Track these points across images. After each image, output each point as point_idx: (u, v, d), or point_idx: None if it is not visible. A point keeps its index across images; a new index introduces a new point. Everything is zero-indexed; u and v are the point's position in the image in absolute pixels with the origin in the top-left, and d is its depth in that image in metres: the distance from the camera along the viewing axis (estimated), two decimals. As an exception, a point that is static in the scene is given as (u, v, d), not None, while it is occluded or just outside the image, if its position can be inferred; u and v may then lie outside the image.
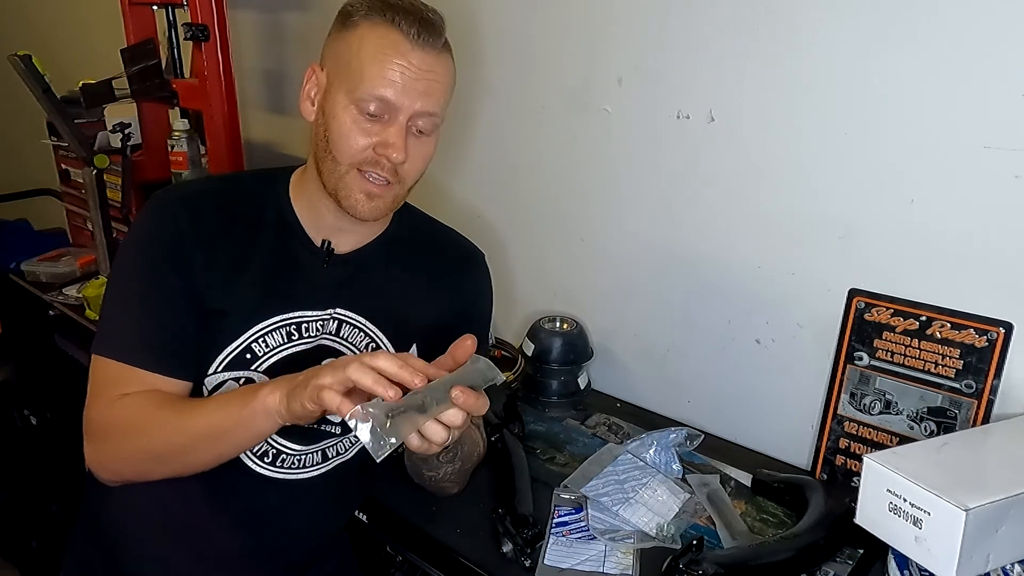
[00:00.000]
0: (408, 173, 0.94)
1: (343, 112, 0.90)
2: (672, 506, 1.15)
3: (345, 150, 0.91)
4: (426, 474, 1.02)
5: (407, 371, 0.75)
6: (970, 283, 1.11)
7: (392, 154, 0.90)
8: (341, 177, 0.92)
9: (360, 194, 0.92)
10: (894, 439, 1.18)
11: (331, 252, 1.00)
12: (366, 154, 0.91)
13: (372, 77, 0.88)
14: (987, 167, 1.05)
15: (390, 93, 0.88)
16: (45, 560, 2.09)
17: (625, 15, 1.37)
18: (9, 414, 2.28)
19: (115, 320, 0.95)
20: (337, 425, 1.02)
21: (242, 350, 0.95)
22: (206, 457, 0.90)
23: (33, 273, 2.06)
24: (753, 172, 1.28)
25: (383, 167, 0.91)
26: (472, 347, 0.82)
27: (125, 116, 1.88)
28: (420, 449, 0.81)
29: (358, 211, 0.93)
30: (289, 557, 1.08)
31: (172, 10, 1.89)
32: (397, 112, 0.89)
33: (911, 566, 0.91)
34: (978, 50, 1.03)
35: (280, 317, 0.97)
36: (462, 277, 1.11)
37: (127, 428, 0.91)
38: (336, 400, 0.75)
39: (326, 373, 0.77)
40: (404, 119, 0.90)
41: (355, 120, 0.90)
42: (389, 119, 0.90)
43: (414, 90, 0.89)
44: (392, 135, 0.90)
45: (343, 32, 0.92)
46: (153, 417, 0.90)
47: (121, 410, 0.91)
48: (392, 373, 0.75)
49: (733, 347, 1.38)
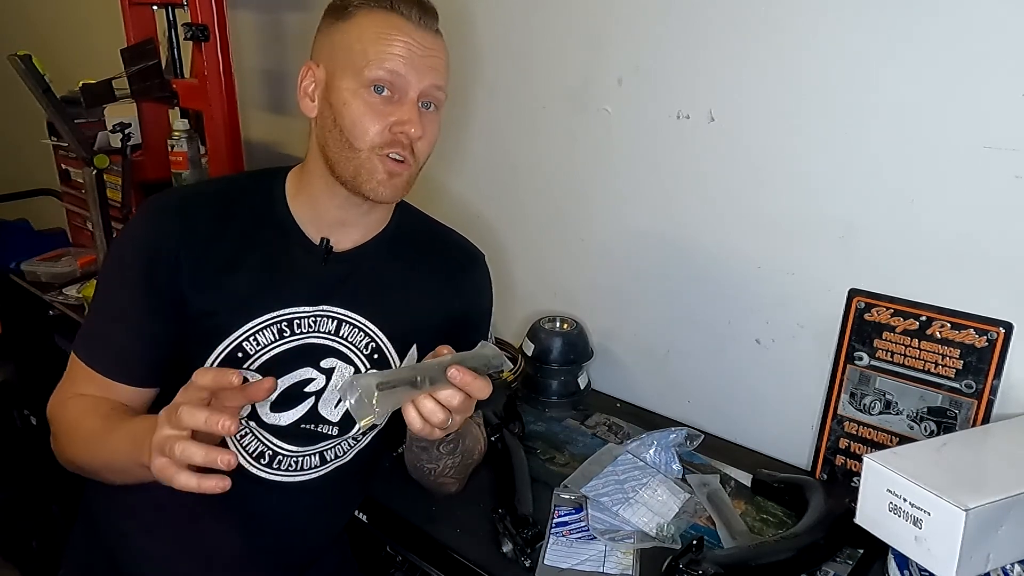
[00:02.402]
0: (422, 150, 0.95)
1: (353, 98, 0.90)
2: (672, 506, 1.15)
3: (361, 134, 0.91)
4: (426, 466, 1.02)
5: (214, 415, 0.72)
6: (970, 283, 1.11)
7: (410, 129, 0.91)
8: (362, 163, 0.92)
9: (383, 174, 0.93)
10: (894, 439, 1.18)
11: (330, 250, 1.00)
12: (384, 136, 0.91)
13: (379, 54, 0.89)
14: (987, 167, 1.05)
15: (400, 66, 0.89)
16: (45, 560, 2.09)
17: (625, 15, 1.37)
18: (9, 414, 2.28)
19: (88, 320, 0.99)
20: (334, 426, 1.02)
21: (234, 348, 0.95)
22: (119, 481, 0.91)
23: (33, 273, 2.06)
24: (753, 172, 1.28)
25: (402, 145, 0.92)
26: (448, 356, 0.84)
27: (125, 116, 1.88)
28: (422, 432, 0.82)
29: (379, 193, 0.94)
30: (288, 558, 1.08)
31: (172, 10, 1.89)
32: (407, 88, 0.91)
33: (911, 566, 0.91)
34: (978, 50, 1.03)
35: (271, 315, 0.97)
36: (463, 277, 1.11)
37: (64, 433, 0.95)
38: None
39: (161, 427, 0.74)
40: (415, 95, 0.91)
41: (367, 103, 0.90)
42: (400, 98, 0.91)
43: (423, 65, 0.90)
44: (407, 112, 0.91)
45: (339, 23, 0.93)
46: (84, 430, 0.91)
47: (66, 412, 0.95)
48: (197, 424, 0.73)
49: (733, 347, 1.38)
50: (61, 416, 0.95)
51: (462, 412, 0.83)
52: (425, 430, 0.82)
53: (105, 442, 0.89)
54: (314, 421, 1.00)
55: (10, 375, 2.29)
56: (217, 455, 0.72)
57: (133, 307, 0.94)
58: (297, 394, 0.99)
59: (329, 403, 1.01)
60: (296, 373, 0.98)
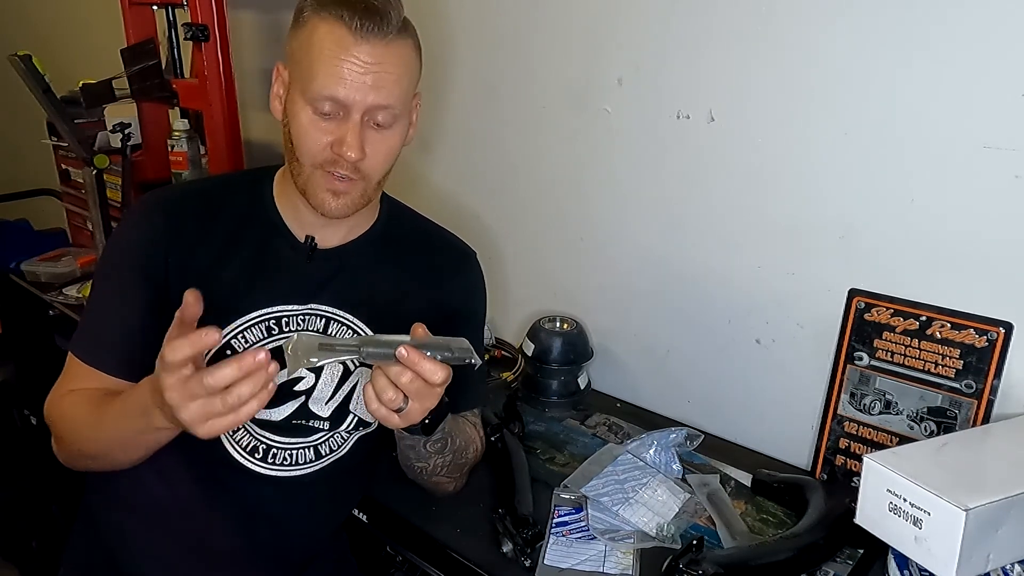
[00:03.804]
0: (372, 168, 0.93)
1: (300, 112, 0.90)
2: (672, 506, 1.14)
3: (306, 151, 0.91)
4: (416, 464, 1.01)
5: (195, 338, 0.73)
6: (970, 283, 1.11)
7: (347, 152, 0.89)
8: (308, 178, 0.93)
9: (325, 192, 0.93)
10: (894, 439, 1.18)
11: (314, 248, 1.01)
12: (325, 154, 0.91)
13: (320, 76, 0.87)
14: (987, 167, 1.05)
15: (340, 92, 0.87)
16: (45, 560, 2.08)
17: (625, 15, 1.37)
18: (9, 414, 2.28)
19: (84, 319, 1.00)
20: (325, 421, 1.02)
21: (222, 347, 0.95)
22: (124, 459, 0.93)
23: (33, 273, 2.06)
24: (753, 172, 1.28)
25: (343, 165, 0.91)
26: (423, 335, 0.81)
27: (125, 116, 1.88)
28: (377, 413, 0.81)
29: (326, 209, 0.94)
30: (286, 555, 1.08)
31: (172, 10, 1.89)
32: (349, 109, 0.89)
33: (911, 566, 0.91)
34: (978, 50, 1.03)
35: (259, 313, 0.97)
36: (453, 275, 1.11)
37: (64, 427, 0.96)
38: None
39: (162, 376, 0.74)
40: (358, 116, 0.89)
41: (311, 120, 0.90)
42: (343, 116, 0.89)
43: (363, 85, 0.87)
44: (348, 133, 0.89)
45: (296, 30, 0.92)
46: (85, 416, 0.93)
47: (63, 408, 0.96)
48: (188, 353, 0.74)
49: (733, 347, 1.38)
50: (58, 413, 0.96)
51: (418, 398, 0.80)
52: (380, 412, 0.81)
53: (106, 423, 0.89)
54: (305, 417, 1.01)
55: (10, 375, 2.29)
56: (250, 358, 0.72)
57: (126, 304, 0.95)
58: (287, 392, 0.99)
59: (320, 400, 1.01)
60: (286, 371, 0.98)
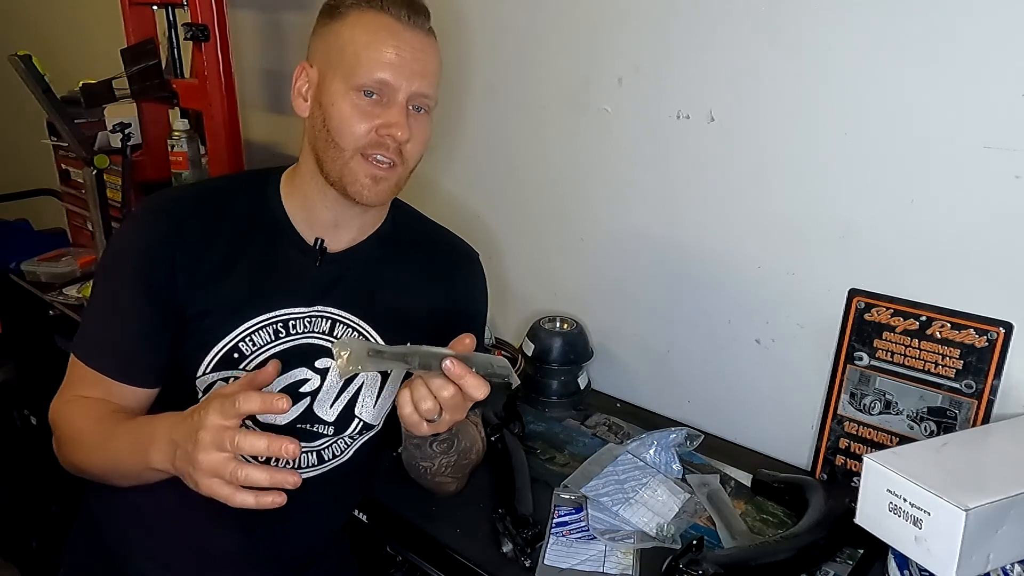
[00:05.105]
0: (411, 153, 0.95)
1: (342, 99, 0.91)
2: (672, 506, 1.14)
3: (348, 135, 0.92)
4: (421, 464, 1.01)
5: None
6: (970, 283, 1.11)
7: (396, 132, 0.91)
8: (346, 164, 0.93)
9: (366, 178, 0.93)
10: (894, 439, 1.18)
11: (324, 250, 1.00)
12: (369, 137, 0.92)
13: (369, 60, 0.89)
14: (987, 167, 1.05)
15: (388, 75, 0.90)
16: (45, 560, 2.08)
17: (625, 15, 1.37)
18: (9, 414, 2.28)
19: (86, 323, 0.99)
20: (330, 426, 1.02)
21: (229, 350, 0.95)
22: (125, 483, 0.92)
23: (33, 273, 2.06)
24: (753, 172, 1.28)
25: (388, 148, 0.92)
26: (471, 345, 0.83)
27: (125, 116, 1.88)
28: (409, 420, 0.82)
29: (364, 196, 0.94)
30: (287, 557, 1.08)
31: (172, 10, 1.89)
32: (396, 92, 0.91)
33: (911, 566, 0.91)
34: (978, 50, 1.03)
35: (266, 316, 0.97)
36: (456, 276, 1.11)
37: (67, 438, 0.95)
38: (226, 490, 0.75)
39: (211, 415, 0.74)
40: (403, 98, 0.92)
41: (355, 105, 0.91)
42: (388, 101, 0.91)
43: (411, 69, 0.91)
44: (394, 115, 0.91)
45: (331, 24, 0.93)
46: (89, 432, 0.92)
47: (68, 415, 0.94)
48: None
49: (733, 347, 1.38)
50: (63, 421, 0.95)
51: (452, 410, 0.83)
52: (413, 418, 0.82)
53: (108, 446, 0.89)
54: (310, 421, 1.00)
55: (10, 375, 2.29)
56: (283, 476, 0.75)
57: (131, 308, 0.94)
58: (292, 395, 0.98)
59: (324, 403, 1.01)
60: (291, 374, 0.98)
